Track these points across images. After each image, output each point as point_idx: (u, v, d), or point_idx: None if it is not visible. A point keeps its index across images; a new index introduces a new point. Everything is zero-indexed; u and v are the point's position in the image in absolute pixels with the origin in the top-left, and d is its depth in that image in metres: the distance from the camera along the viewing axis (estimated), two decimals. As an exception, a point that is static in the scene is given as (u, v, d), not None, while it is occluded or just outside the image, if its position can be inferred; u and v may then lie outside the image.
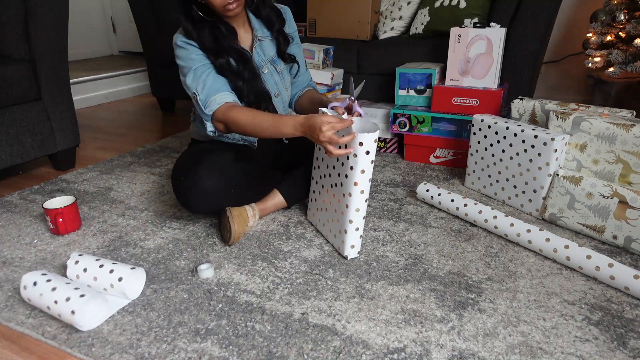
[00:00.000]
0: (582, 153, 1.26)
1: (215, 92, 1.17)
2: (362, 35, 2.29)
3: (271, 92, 1.33)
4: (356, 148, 1.04)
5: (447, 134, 1.72)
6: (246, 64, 1.24)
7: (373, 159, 1.06)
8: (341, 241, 1.16)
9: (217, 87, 1.17)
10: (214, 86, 1.18)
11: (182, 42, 1.20)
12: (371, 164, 1.06)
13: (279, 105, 1.37)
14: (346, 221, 1.12)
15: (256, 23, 1.30)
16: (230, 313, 0.97)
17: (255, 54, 1.29)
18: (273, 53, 1.33)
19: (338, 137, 1.02)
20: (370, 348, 0.87)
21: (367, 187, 1.09)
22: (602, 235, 1.20)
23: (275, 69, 1.33)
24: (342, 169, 1.11)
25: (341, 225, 1.15)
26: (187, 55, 1.20)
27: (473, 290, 1.03)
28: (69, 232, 1.32)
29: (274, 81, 1.34)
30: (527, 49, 1.79)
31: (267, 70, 1.32)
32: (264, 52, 1.31)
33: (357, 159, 1.05)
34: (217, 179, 1.17)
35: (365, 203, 1.11)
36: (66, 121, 1.79)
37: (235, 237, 1.20)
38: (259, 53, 1.30)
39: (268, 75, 1.32)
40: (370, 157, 1.05)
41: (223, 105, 1.15)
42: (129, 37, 4.07)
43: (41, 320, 0.98)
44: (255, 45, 1.29)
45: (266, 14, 1.30)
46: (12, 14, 1.60)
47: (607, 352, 0.85)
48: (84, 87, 2.97)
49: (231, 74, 1.22)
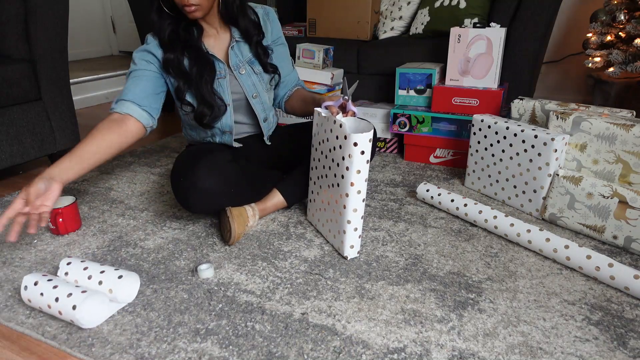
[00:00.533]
0: (582, 153, 1.26)
1: (129, 97, 1.21)
2: (362, 35, 2.29)
3: (248, 93, 1.32)
4: (351, 148, 1.04)
5: (447, 134, 1.72)
6: (199, 65, 1.24)
7: (369, 159, 1.06)
8: (340, 241, 1.16)
9: (135, 94, 1.21)
10: (134, 92, 1.21)
11: (142, 47, 1.26)
12: (367, 163, 1.06)
13: (258, 107, 1.36)
14: (344, 222, 1.12)
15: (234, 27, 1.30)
16: (230, 313, 0.97)
17: (232, 54, 1.29)
18: (250, 54, 1.32)
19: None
20: (370, 348, 0.87)
21: (364, 187, 1.09)
22: (602, 235, 1.20)
23: (253, 70, 1.32)
24: (338, 169, 1.11)
25: (340, 226, 1.15)
26: (139, 52, 1.25)
27: (473, 290, 1.03)
28: (69, 232, 1.32)
29: (252, 82, 1.33)
30: (527, 49, 1.79)
31: (244, 71, 1.31)
32: (242, 53, 1.31)
33: (352, 159, 1.04)
34: (216, 178, 1.17)
35: (362, 203, 1.11)
36: (66, 121, 1.79)
37: (235, 237, 1.20)
38: (237, 53, 1.30)
39: (245, 76, 1.31)
40: (365, 157, 1.04)
41: (114, 114, 1.20)
42: (129, 37, 4.08)
43: (41, 320, 0.98)
44: (232, 45, 1.29)
45: (244, 25, 1.29)
46: (12, 14, 1.60)
47: (607, 352, 0.85)
48: (84, 87, 2.98)
49: (175, 72, 1.23)
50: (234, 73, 1.30)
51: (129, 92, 1.21)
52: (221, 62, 1.28)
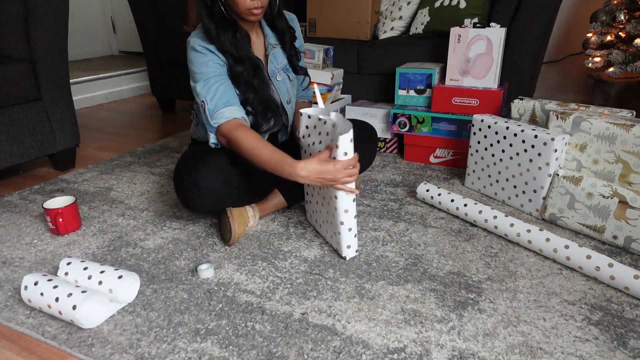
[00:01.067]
0: (582, 153, 1.26)
1: (224, 104, 1.13)
2: (362, 35, 2.29)
3: (284, 99, 1.32)
4: (334, 150, 1.04)
5: (447, 134, 1.72)
6: (257, 73, 1.22)
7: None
8: (337, 243, 1.16)
9: (227, 99, 1.13)
10: (224, 97, 1.13)
11: (201, 46, 1.14)
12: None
13: (290, 112, 1.37)
14: (337, 223, 1.12)
15: (267, 29, 1.29)
16: (230, 313, 0.97)
17: (270, 61, 1.29)
18: (285, 61, 1.33)
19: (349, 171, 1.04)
20: (370, 348, 0.87)
21: (353, 187, 1.08)
22: (602, 235, 1.20)
23: (288, 77, 1.33)
24: None
25: (334, 227, 1.15)
26: (202, 62, 1.15)
27: (473, 290, 1.03)
28: (69, 232, 1.32)
29: (287, 88, 1.33)
30: (527, 49, 1.79)
31: (280, 77, 1.30)
32: (277, 60, 1.30)
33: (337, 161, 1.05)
34: (218, 179, 1.17)
35: (353, 203, 1.10)
36: (66, 121, 1.79)
37: (235, 237, 1.20)
38: (272, 61, 1.29)
39: (281, 82, 1.31)
40: (348, 157, 1.05)
41: (231, 121, 1.12)
42: (129, 37, 4.08)
43: (41, 320, 0.98)
44: (270, 52, 1.28)
45: (281, 26, 1.29)
46: (12, 14, 1.60)
47: (607, 352, 0.85)
48: (84, 87, 2.97)
49: (244, 83, 1.19)
50: (271, 79, 1.29)
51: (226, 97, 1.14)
52: (264, 66, 1.27)
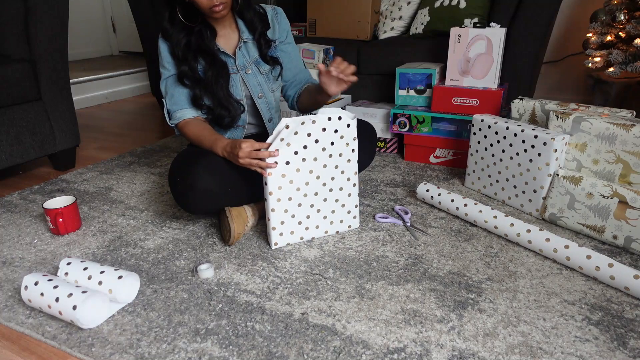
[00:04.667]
0: (582, 153, 1.26)
1: (179, 107, 1.28)
2: (362, 35, 2.29)
3: (254, 93, 1.34)
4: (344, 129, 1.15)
5: (447, 134, 1.72)
6: (215, 67, 1.26)
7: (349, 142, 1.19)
8: (339, 220, 1.27)
9: (180, 104, 1.28)
10: (179, 102, 1.28)
11: (160, 39, 1.28)
12: (347, 146, 1.19)
13: (263, 107, 1.37)
14: (345, 195, 1.24)
15: (242, 25, 1.32)
16: (230, 313, 0.98)
17: (240, 55, 1.31)
18: (257, 55, 1.34)
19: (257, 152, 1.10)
20: (370, 348, 0.87)
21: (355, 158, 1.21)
22: (602, 235, 1.20)
23: (259, 70, 1.34)
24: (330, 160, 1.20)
25: (337, 204, 1.24)
26: (161, 62, 1.29)
27: (473, 290, 1.03)
28: (69, 232, 1.32)
29: (257, 82, 1.34)
30: (527, 49, 1.79)
31: (250, 71, 1.32)
32: (248, 53, 1.32)
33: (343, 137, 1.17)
34: (213, 179, 1.17)
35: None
36: (66, 121, 1.79)
37: (235, 237, 1.20)
38: (244, 54, 1.32)
39: (251, 75, 1.33)
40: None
41: (181, 122, 1.29)
42: (129, 37, 4.07)
43: (41, 320, 0.98)
44: (240, 46, 1.31)
45: (249, 17, 1.31)
46: (12, 14, 1.60)
47: (607, 352, 0.85)
48: (84, 87, 2.98)
49: (191, 81, 1.26)
50: (240, 73, 1.31)
51: (180, 99, 1.29)
52: (231, 58, 1.30)
